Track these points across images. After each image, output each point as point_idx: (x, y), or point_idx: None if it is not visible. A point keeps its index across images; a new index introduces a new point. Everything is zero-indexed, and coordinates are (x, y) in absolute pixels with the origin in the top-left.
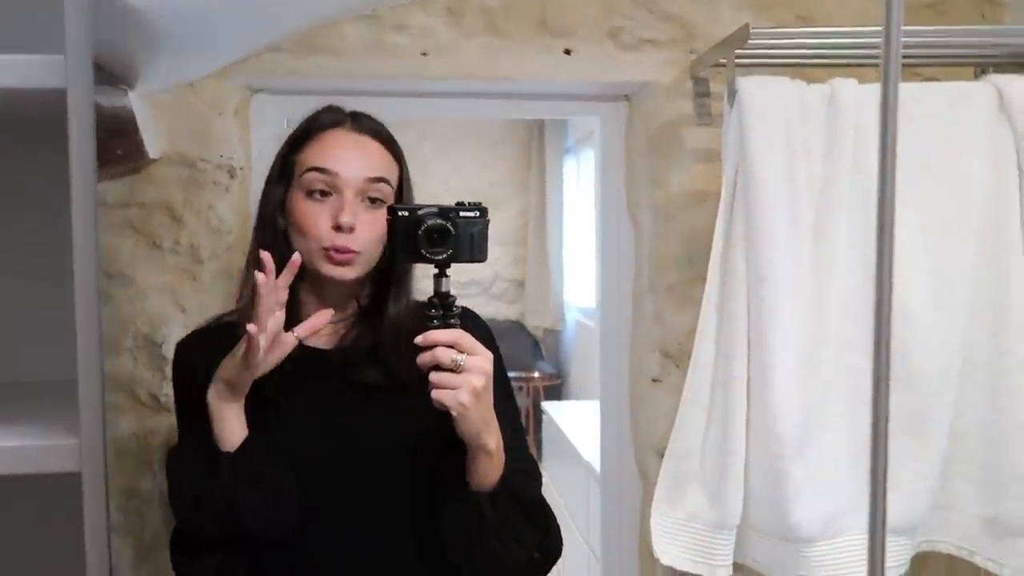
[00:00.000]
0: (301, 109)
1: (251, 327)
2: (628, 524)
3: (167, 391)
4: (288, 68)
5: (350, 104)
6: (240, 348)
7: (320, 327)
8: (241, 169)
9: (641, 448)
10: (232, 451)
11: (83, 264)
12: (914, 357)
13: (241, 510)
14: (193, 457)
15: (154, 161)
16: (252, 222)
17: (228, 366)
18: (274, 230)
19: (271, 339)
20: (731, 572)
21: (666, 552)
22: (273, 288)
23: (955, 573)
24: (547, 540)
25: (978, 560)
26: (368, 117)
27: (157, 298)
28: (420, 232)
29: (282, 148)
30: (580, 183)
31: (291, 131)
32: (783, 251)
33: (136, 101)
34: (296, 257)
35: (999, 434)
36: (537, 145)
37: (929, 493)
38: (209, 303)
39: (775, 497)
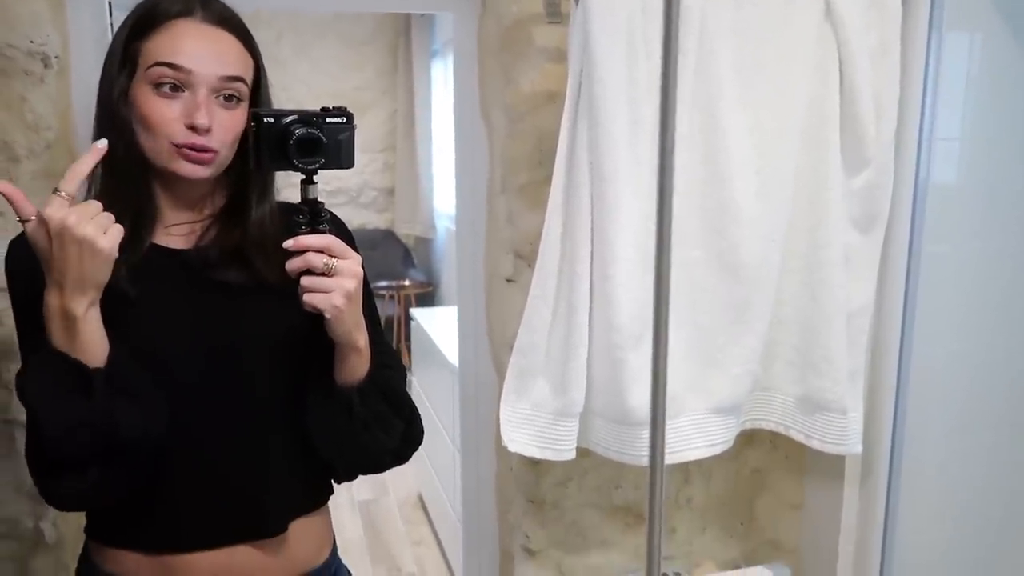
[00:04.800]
0: None
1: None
2: (485, 418)
3: None
4: None
5: None
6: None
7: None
8: (57, 58)
9: (496, 346)
10: (103, 366)
11: None
12: (741, 251)
13: (119, 425)
14: (56, 378)
15: None
16: (78, 116)
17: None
18: (118, 124)
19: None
20: (575, 456)
21: (513, 440)
22: None
23: (777, 448)
24: (410, 429)
25: (792, 434)
26: (220, 2)
27: None
28: (291, 142)
29: (122, 32)
30: (448, 87)
31: (132, 12)
32: (624, 150)
33: None
34: (101, 143)
35: (813, 321)
36: (404, 47)
37: (752, 376)
38: None
39: (615, 384)
